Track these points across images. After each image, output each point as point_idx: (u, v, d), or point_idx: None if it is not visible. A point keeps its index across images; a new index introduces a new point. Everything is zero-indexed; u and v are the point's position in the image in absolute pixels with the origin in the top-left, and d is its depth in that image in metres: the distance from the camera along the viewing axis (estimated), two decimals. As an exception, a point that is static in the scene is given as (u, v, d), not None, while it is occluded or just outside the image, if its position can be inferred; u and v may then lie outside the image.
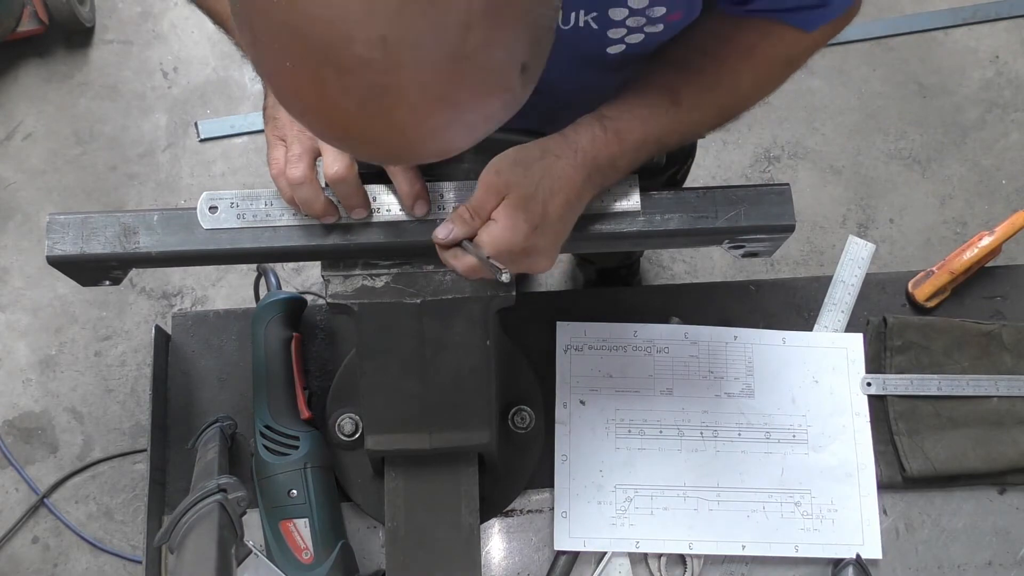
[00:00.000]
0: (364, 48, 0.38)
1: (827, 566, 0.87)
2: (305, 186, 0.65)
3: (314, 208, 0.66)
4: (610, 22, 0.62)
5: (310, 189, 0.65)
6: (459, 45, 0.39)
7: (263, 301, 0.90)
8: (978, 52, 2.05)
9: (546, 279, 1.88)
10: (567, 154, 0.64)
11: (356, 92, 0.41)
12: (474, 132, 0.47)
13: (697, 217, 0.70)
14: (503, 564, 0.88)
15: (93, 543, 1.68)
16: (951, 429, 0.91)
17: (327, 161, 0.65)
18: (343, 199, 0.67)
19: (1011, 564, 0.88)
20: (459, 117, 0.44)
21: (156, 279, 1.87)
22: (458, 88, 0.42)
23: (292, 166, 0.64)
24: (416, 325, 0.71)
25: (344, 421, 0.87)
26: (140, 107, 2.02)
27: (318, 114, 0.44)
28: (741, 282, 0.99)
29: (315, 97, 0.42)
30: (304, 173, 0.64)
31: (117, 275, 0.73)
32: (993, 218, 1.90)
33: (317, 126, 0.46)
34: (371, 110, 0.41)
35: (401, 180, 0.67)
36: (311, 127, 0.47)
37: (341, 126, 0.44)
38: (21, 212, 1.93)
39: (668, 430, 0.90)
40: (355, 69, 0.39)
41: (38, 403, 1.79)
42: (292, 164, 0.64)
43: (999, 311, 0.97)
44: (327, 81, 0.40)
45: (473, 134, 0.47)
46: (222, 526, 0.75)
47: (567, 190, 0.63)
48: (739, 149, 1.97)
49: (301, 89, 0.42)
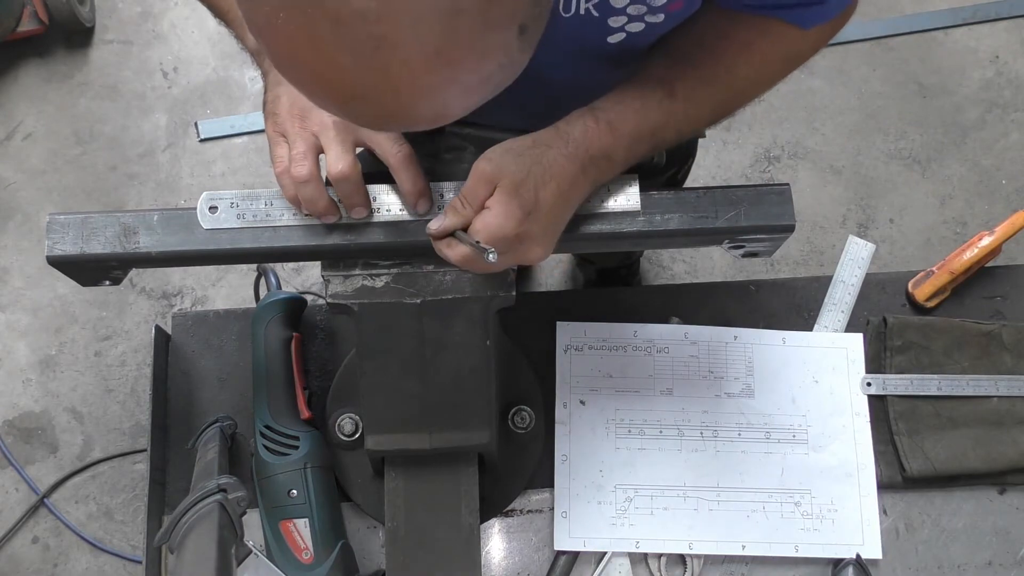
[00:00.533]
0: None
1: (827, 566, 0.87)
2: (310, 184, 0.65)
3: (317, 206, 0.66)
4: (611, 9, 0.62)
5: (315, 187, 0.65)
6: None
7: (263, 301, 0.90)
8: (978, 52, 2.05)
9: (546, 279, 1.88)
10: (558, 144, 0.64)
11: (351, 44, 0.40)
12: (470, 96, 0.46)
13: (697, 217, 0.70)
14: (503, 564, 0.88)
15: (93, 543, 1.68)
16: (951, 429, 0.91)
17: (330, 158, 0.65)
18: (344, 198, 0.67)
19: (1011, 564, 0.88)
20: (455, 76, 0.43)
21: (156, 279, 1.87)
22: (454, 44, 0.41)
23: (297, 164, 0.64)
24: (416, 325, 0.71)
25: (344, 421, 0.87)
26: (140, 107, 2.02)
27: (312, 70, 0.43)
28: (741, 282, 0.99)
29: (309, 51, 0.41)
30: (309, 171, 0.64)
31: (117, 275, 0.73)
32: (993, 218, 1.90)
33: (311, 84, 0.45)
34: (366, 64, 0.41)
35: (404, 178, 0.67)
36: (304, 86, 0.46)
37: (336, 83, 0.43)
38: (21, 212, 1.93)
39: (668, 430, 0.90)
40: (350, 20, 0.39)
41: (38, 403, 1.79)
42: (297, 162, 0.64)
43: (999, 311, 0.97)
44: (322, 33, 0.40)
45: (469, 98, 0.47)
46: (222, 526, 0.75)
47: (559, 178, 0.63)
48: (739, 149, 1.97)
49: (295, 43, 0.41)
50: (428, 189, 0.68)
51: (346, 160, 0.64)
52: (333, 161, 0.64)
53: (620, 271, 1.78)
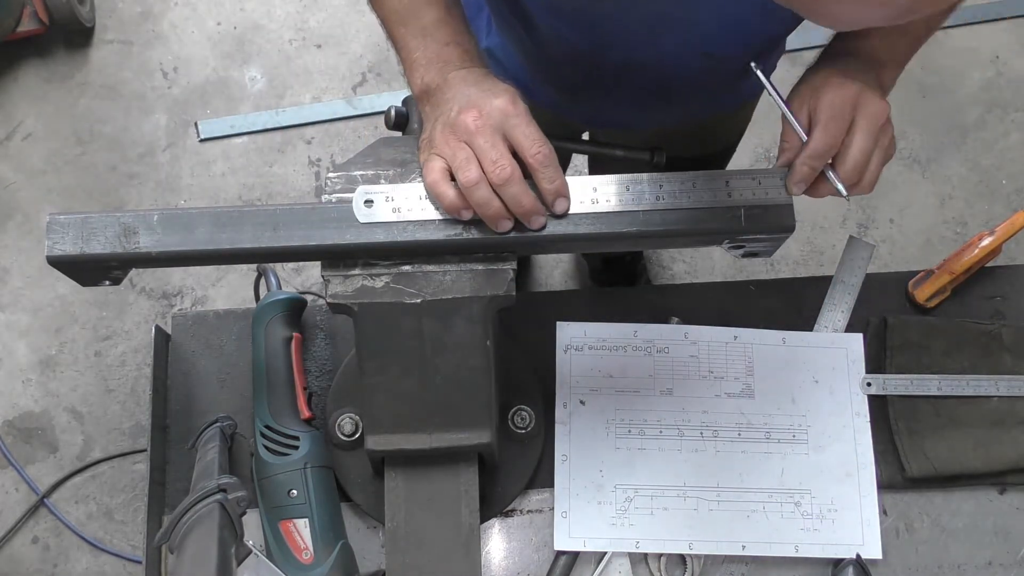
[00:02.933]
0: None
1: (827, 566, 0.87)
2: (515, 183, 0.65)
3: (523, 205, 0.66)
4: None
5: (520, 186, 0.66)
6: None
7: (263, 301, 0.90)
8: (978, 52, 2.05)
9: (546, 279, 1.88)
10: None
11: None
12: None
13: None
14: (503, 564, 0.88)
15: (93, 543, 1.68)
16: (951, 429, 0.91)
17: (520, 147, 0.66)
18: (511, 200, 0.67)
19: (1011, 564, 0.88)
20: None
21: (156, 279, 1.87)
22: None
23: (498, 167, 0.65)
24: (416, 325, 0.71)
25: (344, 421, 0.87)
26: (140, 107, 2.02)
27: None
28: (741, 282, 0.99)
29: None
30: (513, 167, 0.65)
31: (117, 275, 0.73)
32: (993, 218, 1.90)
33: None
34: None
35: (542, 176, 0.67)
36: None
37: None
38: (21, 212, 1.93)
39: (668, 430, 0.90)
40: None
41: (38, 403, 1.79)
42: (497, 163, 0.65)
43: (999, 311, 0.97)
44: None
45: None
46: (222, 526, 0.75)
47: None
48: (739, 149, 1.96)
49: None
50: (567, 189, 0.68)
51: (509, 157, 0.66)
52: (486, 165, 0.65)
53: (625, 256, 1.78)
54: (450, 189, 0.66)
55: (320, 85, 2.04)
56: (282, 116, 2.01)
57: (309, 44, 2.08)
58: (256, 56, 2.07)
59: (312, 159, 1.98)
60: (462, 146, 0.66)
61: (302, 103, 2.03)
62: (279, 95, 2.04)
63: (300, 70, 2.06)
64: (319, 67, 2.06)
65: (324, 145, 1.99)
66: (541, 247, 0.73)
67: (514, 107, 0.66)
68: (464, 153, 0.66)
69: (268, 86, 2.05)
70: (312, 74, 2.06)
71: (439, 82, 0.69)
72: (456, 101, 0.67)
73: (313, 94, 2.04)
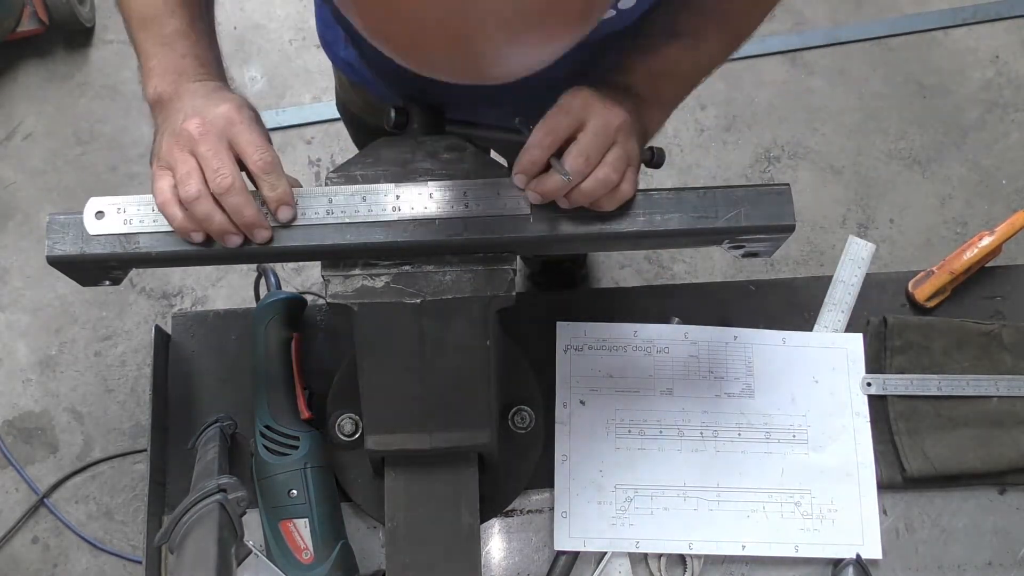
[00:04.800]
0: None
1: (827, 566, 0.87)
2: (235, 193, 0.64)
3: (244, 216, 0.65)
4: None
5: (241, 195, 0.64)
6: None
7: (263, 301, 0.90)
8: (978, 52, 2.06)
9: (546, 279, 1.88)
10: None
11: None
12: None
13: (697, 217, 0.70)
14: (503, 564, 0.88)
15: (93, 543, 1.68)
16: (951, 429, 0.91)
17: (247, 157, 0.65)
18: (232, 211, 0.65)
19: (1011, 564, 0.88)
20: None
21: (156, 279, 1.87)
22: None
23: (219, 175, 0.63)
24: (416, 325, 0.71)
25: (344, 421, 0.87)
26: (140, 107, 2.00)
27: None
28: (741, 282, 0.99)
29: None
30: (233, 178, 0.64)
31: (117, 275, 0.73)
32: (993, 218, 1.90)
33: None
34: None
35: (264, 185, 0.66)
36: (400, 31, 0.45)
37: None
38: (21, 212, 1.93)
39: (668, 430, 0.90)
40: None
41: (38, 403, 1.79)
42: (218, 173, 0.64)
43: (999, 311, 0.97)
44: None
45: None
46: (222, 526, 0.75)
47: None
48: (739, 149, 1.97)
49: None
50: (291, 197, 0.67)
51: (231, 166, 0.64)
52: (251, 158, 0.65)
53: (564, 264, 1.78)
54: (179, 211, 0.65)
55: (320, 85, 2.04)
56: (282, 116, 2.01)
57: (309, 44, 2.08)
58: (256, 56, 2.07)
59: (312, 159, 1.98)
60: (186, 157, 0.64)
61: (302, 103, 2.03)
62: (279, 95, 2.04)
63: (300, 70, 2.06)
64: (319, 67, 2.05)
65: (324, 145, 1.99)
66: (542, 247, 0.73)
67: (238, 113, 0.65)
68: (186, 167, 0.64)
69: (268, 86, 2.05)
70: (312, 74, 2.06)
71: (171, 93, 0.68)
72: (183, 111, 0.66)
73: (313, 94, 2.04)
